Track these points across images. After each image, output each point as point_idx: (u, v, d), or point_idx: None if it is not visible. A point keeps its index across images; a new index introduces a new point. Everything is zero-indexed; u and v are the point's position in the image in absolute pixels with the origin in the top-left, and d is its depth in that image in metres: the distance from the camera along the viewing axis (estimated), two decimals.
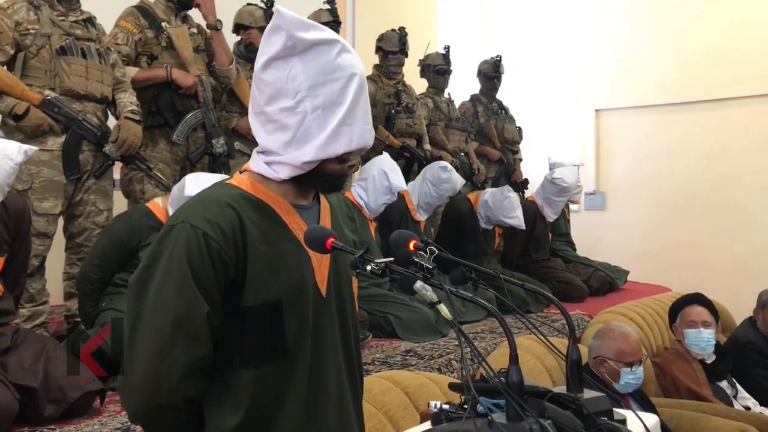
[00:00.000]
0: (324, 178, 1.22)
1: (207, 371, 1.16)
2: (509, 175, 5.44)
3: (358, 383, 1.37)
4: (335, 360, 1.27)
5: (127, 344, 1.14)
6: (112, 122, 2.97)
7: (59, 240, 2.86)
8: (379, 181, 3.52)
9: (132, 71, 3.08)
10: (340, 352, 1.28)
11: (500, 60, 5.43)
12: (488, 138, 5.39)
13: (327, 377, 1.25)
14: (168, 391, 1.12)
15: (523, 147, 5.76)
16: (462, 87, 6.01)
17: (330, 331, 1.26)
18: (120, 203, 3.16)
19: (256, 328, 1.18)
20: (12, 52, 2.67)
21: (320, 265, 1.25)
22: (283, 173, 1.21)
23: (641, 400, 2.84)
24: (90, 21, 2.90)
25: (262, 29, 3.64)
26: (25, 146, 2.04)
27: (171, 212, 2.52)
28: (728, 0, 6.41)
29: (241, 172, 1.27)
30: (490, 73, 5.44)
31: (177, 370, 1.11)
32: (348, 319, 1.32)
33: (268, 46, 1.17)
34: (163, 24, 3.19)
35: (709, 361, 3.35)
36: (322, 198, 1.32)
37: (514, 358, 1.06)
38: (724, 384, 3.37)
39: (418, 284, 1.06)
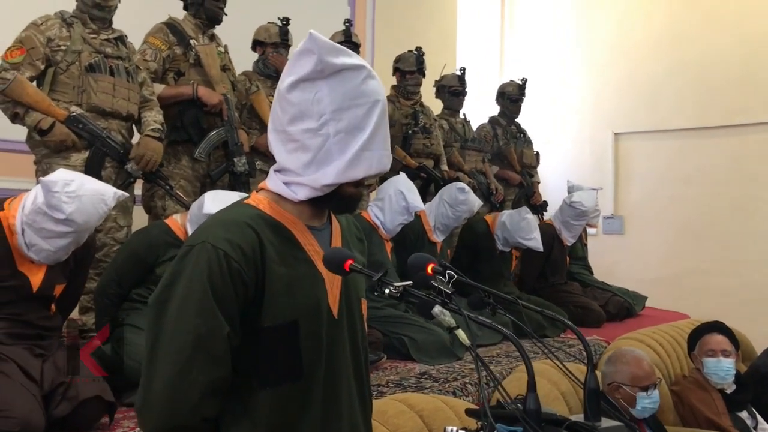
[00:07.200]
0: (340, 200, 1.24)
1: (225, 391, 1.16)
2: (528, 198, 5.41)
3: (368, 405, 1.37)
4: (347, 381, 1.28)
5: (147, 364, 1.14)
6: (137, 140, 3.00)
7: None
8: (395, 201, 3.51)
9: (158, 88, 3.12)
10: (351, 373, 1.29)
11: (526, 82, 5.39)
12: (508, 161, 5.35)
13: (340, 398, 1.25)
14: (188, 412, 1.12)
15: (542, 170, 5.74)
16: (480, 108, 6.01)
17: (342, 353, 1.27)
18: (138, 219, 3.18)
19: (273, 348, 1.18)
20: (42, 67, 2.74)
21: (332, 286, 1.26)
22: (301, 194, 1.22)
23: (656, 429, 2.79)
24: (121, 39, 2.97)
25: (274, 45, 3.69)
26: (119, 192, 2.11)
27: (189, 229, 2.54)
28: (748, 26, 6.38)
29: (258, 191, 1.29)
30: (515, 95, 5.38)
31: (197, 390, 1.11)
32: (359, 341, 1.33)
33: (297, 68, 1.19)
34: (191, 41, 3.25)
35: (728, 391, 3.28)
36: (334, 219, 1.34)
37: (532, 385, 1.06)
38: (744, 414, 3.30)
39: (437, 309, 1.06)
